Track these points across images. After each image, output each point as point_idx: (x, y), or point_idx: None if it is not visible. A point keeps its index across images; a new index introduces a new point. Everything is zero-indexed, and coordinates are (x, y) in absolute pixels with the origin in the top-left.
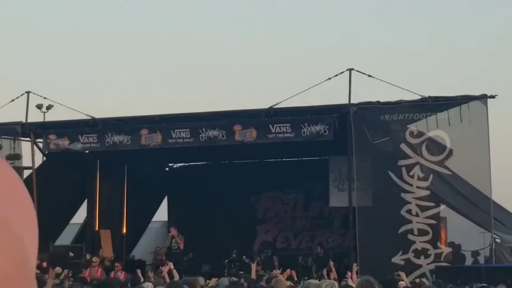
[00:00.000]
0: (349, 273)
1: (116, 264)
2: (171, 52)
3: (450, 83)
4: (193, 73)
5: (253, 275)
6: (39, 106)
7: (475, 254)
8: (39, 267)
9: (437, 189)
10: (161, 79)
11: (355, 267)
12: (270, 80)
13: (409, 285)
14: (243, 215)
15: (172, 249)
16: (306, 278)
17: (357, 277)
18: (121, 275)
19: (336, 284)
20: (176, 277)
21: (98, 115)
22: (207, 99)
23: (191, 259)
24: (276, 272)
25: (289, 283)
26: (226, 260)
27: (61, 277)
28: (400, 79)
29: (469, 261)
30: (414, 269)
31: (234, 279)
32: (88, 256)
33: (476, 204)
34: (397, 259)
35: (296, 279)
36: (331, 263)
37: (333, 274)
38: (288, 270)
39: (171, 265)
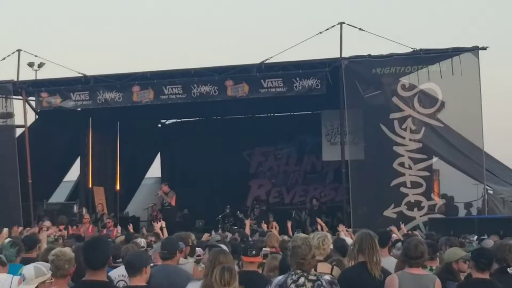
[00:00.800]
0: (341, 226)
1: (108, 221)
2: (161, 8)
3: (441, 36)
4: (184, 29)
5: (247, 230)
6: (30, 64)
7: (468, 205)
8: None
9: (430, 141)
10: (152, 35)
11: (342, 227)
12: (262, 35)
13: (401, 238)
14: (236, 170)
15: (165, 206)
16: (299, 230)
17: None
18: (114, 231)
19: (328, 235)
20: (165, 235)
21: (90, 72)
22: (198, 55)
23: (185, 215)
24: (265, 225)
25: (285, 237)
26: (220, 216)
27: (53, 234)
28: (391, 32)
29: (462, 213)
30: (407, 221)
31: (228, 234)
32: (84, 211)
33: (468, 156)
34: (389, 212)
35: (291, 233)
36: (318, 220)
37: (325, 228)
38: (274, 224)
39: (163, 223)
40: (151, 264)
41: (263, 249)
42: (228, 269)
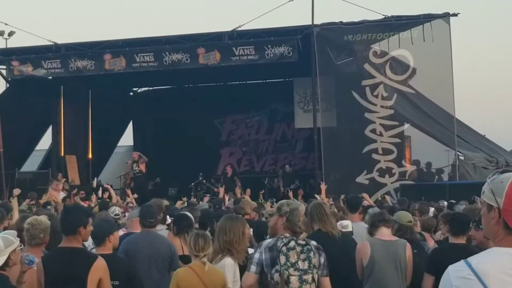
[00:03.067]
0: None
1: (81, 192)
2: None
3: (412, 2)
4: None
5: (222, 197)
6: (0, 33)
7: (439, 171)
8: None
9: (401, 108)
10: (122, 2)
11: (323, 187)
12: (233, 2)
13: (372, 203)
14: (207, 139)
15: (135, 174)
16: (274, 199)
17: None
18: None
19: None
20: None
21: (60, 40)
22: (169, 23)
23: (157, 183)
24: (238, 191)
25: (255, 204)
26: (193, 183)
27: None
28: None
29: (433, 179)
30: (378, 188)
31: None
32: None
33: (439, 122)
34: (362, 179)
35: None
36: (290, 193)
37: (323, 193)
38: (248, 191)
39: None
40: (125, 232)
41: None
42: (202, 235)
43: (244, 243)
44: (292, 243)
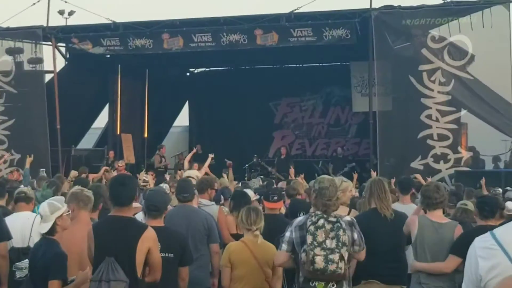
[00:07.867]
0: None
1: (120, 164)
2: None
3: None
4: None
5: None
6: (60, 12)
7: (496, 159)
8: None
9: (458, 94)
10: None
11: (373, 174)
12: None
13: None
14: (261, 121)
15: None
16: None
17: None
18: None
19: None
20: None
21: (119, 19)
22: (227, 4)
23: (211, 164)
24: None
25: (307, 185)
26: (247, 165)
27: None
28: None
29: (489, 166)
30: (433, 174)
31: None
32: (111, 156)
33: (497, 110)
34: (416, 164)
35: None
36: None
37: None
38: (302, 176)
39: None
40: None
41: None
42: (254, 209)
43: None
44: (321, 221)
